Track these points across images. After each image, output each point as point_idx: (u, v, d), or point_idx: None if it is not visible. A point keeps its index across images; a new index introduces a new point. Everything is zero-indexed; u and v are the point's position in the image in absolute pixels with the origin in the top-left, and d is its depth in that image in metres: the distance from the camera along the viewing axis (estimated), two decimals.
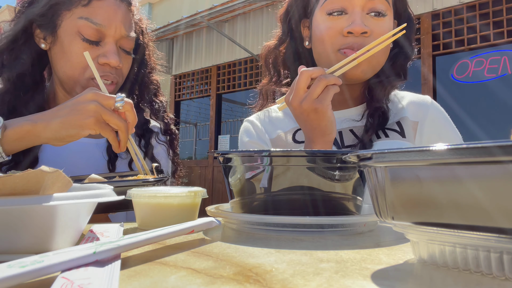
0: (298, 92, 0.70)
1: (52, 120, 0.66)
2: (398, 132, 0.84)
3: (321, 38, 0.84)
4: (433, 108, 0.89)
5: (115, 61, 0.83)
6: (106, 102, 0.66)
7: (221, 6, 5.02)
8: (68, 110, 0.66)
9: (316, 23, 0.86)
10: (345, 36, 0.80)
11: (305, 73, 0.69)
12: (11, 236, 0.32)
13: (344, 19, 0.81)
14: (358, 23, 0.79)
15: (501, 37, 3.63)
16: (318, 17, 0.85)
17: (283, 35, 0.95)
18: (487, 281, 0.25)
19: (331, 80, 0.68)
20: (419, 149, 0.25)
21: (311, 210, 0.46)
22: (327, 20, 0.83)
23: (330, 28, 0.82)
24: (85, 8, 0.82)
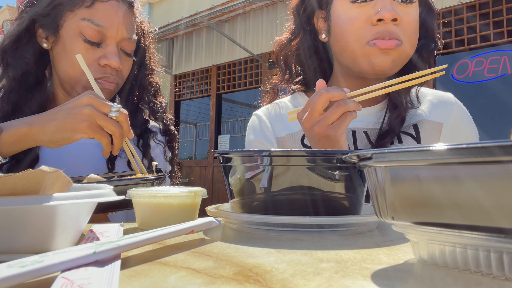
0: (313, 114, 0.64)
1: (48, 123, 0.66)
2: (413, 137, 0.78)
3: (345, 30, 0.77)
4: (457, 108, 0.83)
5: (116, 63, 0.83)
6: (101, 108, 0.67)
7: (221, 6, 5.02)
8: (64, 113, 0.66)
9: (337, 14, 0.79)
10: (374, 25, 0.74)
11: (324, 96, 0.63)
12: (11, 236, 0.32)
13: (370, 6, 0.75)
14: (388, 8, 0.72)
15: (501, 37, 3.63)
16: (339, 6, 0.78)
17: (296, 28, 0.89)
18: (487, 281, 0.25)
19: (351, 107, 0.62)
20: (419, 149, 0.25)
21: (311, 210, 0.46)
22: (351, 9, 0.76)
23: (355, 19, 0.75)
24: (88, 10, 0.82)
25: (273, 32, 5.06)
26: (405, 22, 0.75)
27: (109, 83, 0.85)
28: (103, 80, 0.85)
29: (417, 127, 0.80)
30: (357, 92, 0.66)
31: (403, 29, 0.75)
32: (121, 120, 0.68)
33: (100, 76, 0.84)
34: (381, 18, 0.73)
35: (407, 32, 0.75)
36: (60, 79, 0.88)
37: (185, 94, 6.73)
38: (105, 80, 0.85)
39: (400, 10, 0.75)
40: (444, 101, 0.85)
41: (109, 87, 0.86)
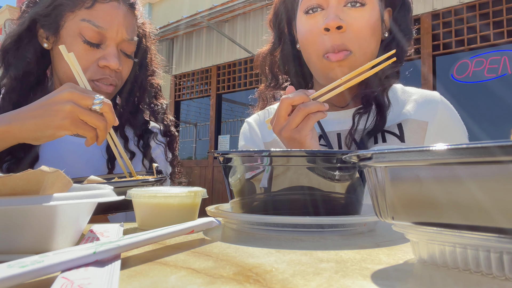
0: (279, 120, 0.68)
1: (27, 121, 0.64)
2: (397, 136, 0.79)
3: (305, 42, 0.82)
4: (443, 106, 0.83)
5: (114, 64, 0.83)
6: (83, 102, 0.64)
7: (221, 6, 5.02)
8: (44, 110, 0.64)
9: (298, 26, 0.83)
10: (325, 35, 0.77)
11: (285, 101, 0.66)
12: (11, 236, 0.32)
13: (322, 16, 0.78)
14: (331, 17, 0.75)
15: (501, 37, 3.63)
16: (299, 19, 0.83)
17: (275, 40, 0.93)
18: (487, 281, 0.25)
19: (312, 108, 0.64)
20: (419, 149, 0.25)
21: (311, 210, 0.46)
22: (306, 21, 0.80)
23: (309, 31, 0.79)
24: (88, 11, 0.82)
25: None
26: (354, 28, 0.76)
27: (107, 86, 0.85)
28: (100, 83, 0.84)
29: (401, 126, 0.80)
30: (319, 92, 0.68)
31: (352, 36, 0.76)
32: (105, 111, 0.66)
33: (99, 78, 0.84)
34: (327, 27, 0.75)
35: (356, 39, 0.76)
36: (59, 79, 0.88)
37: (185, 94, 6.73)
38: (103, 83, 0.85)
39: (349, 16, 0.76)
40: (430, 100, 0.84)
41: (106, 90, 0.86)
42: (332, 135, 0.83)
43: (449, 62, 4.02)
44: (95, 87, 0.84)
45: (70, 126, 0.64)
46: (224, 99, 6.35)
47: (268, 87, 0.96)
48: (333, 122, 0.85)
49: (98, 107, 0.65)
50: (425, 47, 4.05)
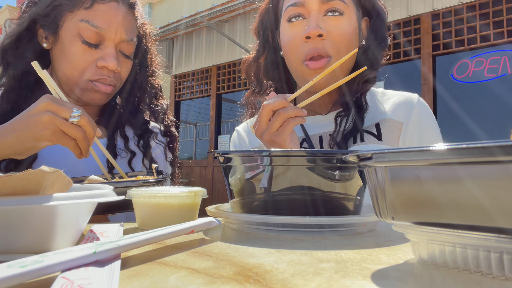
0: (260, 125, 0.71)
1: (9, 135, 0.64)
2: (375, 136, 0.83)
3: (287, 49, 0.85)
4: (419, 107, 0.87)
5: (113, 65, 0.83)
6: (60, 113, 0.64)
7: (221, 6, 5.03)
8: (23, 123, 0.64)
9: (282, 34, 0.88)
10: (306, 42, 0.81)
11: (266, 107, 0.69)
12: (11, 236, 0.32)
13: (303, 25, 0.82)
14: (312, 26, 0.79)
15: (501, 37, 3.63)
16: (282, 27, 0.87)
17: (260, 47, 0.97)
18: (487, 281, 0.25)
19: (291, 113, 0.68)
20: (419, 149, 0.25)
21: (311, 210, 0.46)
22: (289, 29, 0.84)
23: (291, 38, 0.84)
24: (87, 11, 0.82)
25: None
26: (334, 36, 0.81)
27: (106, 86, 0.85)
28: (99, 83, 0.84)
29: (379, 125, 0.84)
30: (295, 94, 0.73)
31: (332, 43, 0.81)
32: (82, 125, 0.65)
33: (97, 78, 0.84)
34: (308, 36, 0.80)
35: (336, 46, 0.81)
36: (58, 79, 0.88)
37: (185, 94, 6.73)
38: (101, 83, 0.85)
39: (329, 24, 0.81)
40: (407, 101, 0.88)
41: (105, 90, 0.86)
42: (314, 138, 0.88)
43: (449, 62, 4.02)
44: (94, 86, 0.84)
45: (51, 137, 0.64)
46: (224, 99, 6.35)
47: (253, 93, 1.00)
48: (314, 126, 0.90)
49: (76, 120, 0.64)
50: (425, 47, 4.05)
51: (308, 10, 0.82)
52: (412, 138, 0.83)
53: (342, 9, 0.82)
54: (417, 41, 4.13)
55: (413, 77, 4.09)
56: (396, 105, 0.88)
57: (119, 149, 0.93)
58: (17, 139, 0.64)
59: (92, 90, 0.85)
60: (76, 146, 0.67)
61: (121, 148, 0.93)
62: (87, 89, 0.85)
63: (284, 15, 0.86)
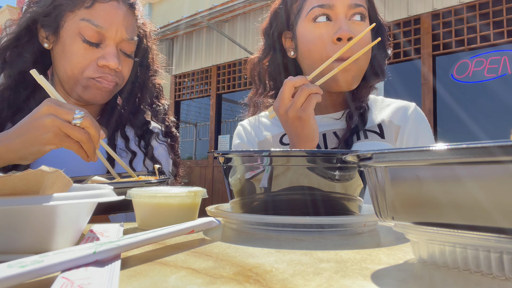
0: (284, 102, 0.73)
1: (13, 141, 0.63)
2: (378, 134, 0.88)
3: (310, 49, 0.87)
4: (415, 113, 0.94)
5: (114, 64, 0.83)
6: (63, 116, 0.63)
7: (221, 6, 5.02)
8: (26, 127, 0.63)
9: (302, 34, 0.89)
10: (335, 44, 0.84)
11: (289, 83, 0.72)
12: (11, 236, 0.32)
13: (330, 26, 0.85)
14: (344, 29, 0.83)
15: (501, 37, 3.63)
16: (303, 27, 0.88)
17: (266, 48, 0.99)
18: (487, 281, 0.25)
19: (313, 89, 0.71)
20: (419, 149, 0.25)
21: (311, 210, 0.46)
22: (314, 29, 0.86)
23: (317, 38, 0.86)
24: (88, 10, 0.82)
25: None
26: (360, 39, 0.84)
27: (108, 82, 0.86)
28: (102, 79, 0.85)
29: (381, 126, 0.91)
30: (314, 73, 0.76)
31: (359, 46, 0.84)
32: (86, 126, 0.64)
33: (99, 76, 0.84)
34: (340, 37, 0.83)
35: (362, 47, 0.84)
36: (60, 78, 0.88)
37: (185, 94, 6.73)
38: (104, 79, 0.85)
39: (354, 28, 0.85)
40: (405, 108, 0.94)
41: (107, 86, 0.86)
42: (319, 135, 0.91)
43: (449, 62, 4.02)
44: (96, 83, 0.84)
45: (54, 140, 0.63)
46: (224, 99, 6.35)
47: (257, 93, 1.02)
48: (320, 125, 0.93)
49: (79, 122, 0.63)
50: (425, 47, 4.05)
51: (336, 13, 0.85)
52: (408, 142, 0.89)
53: (365, 14, 0.87)
54: (417, 41, 4.13)
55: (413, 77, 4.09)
56: (395, 110, 0.94)
57: (119, 149, 0.93)
58: (21, 144, 0.63)
59: (94, 87, 0.85)
60: (80, 149, 0.66)
61: (121, 148, 0.93)
62: (89, 87, 0.85)
63: (308, 15, 0.87)
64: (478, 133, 3.52)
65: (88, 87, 0.85)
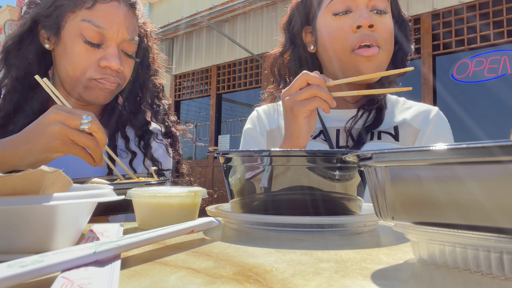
0: (290, 89, 0.72)
1: (20, 147, 0.63)
2: (392, 136, 0.87)
3: (331, 40, 0.87)
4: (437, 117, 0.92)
5: (115, 64, 0.83)
6: (71, 122, 0.63)
7: (221, 6, 5.02)
8: (33, 134, 0.63)
9: (322, 26, 0.89)
10: (354, 32, 0.83)
11: (303, 77, 0.70)
12: (11, 236, 0.32)
13: (350, 17, 0.85)
14: (365, 16, 0.82)
15: (501, 37, 3.63)
16: (323, 20, 0.88)
17: (287, 43, 0.99)
18: (487, 281, 0.25)
19: (322, 95, 0.68)
20: (419, 149, 0.25)
21: (311, 210, 0.46)
22: (334, 21, 0.86)
23: (338, 29, 0.85)
24: (89, 11, 0.82)
25: (273, 32, 5.06)
26: (380, 29, 0.85)
27: (110, 83, 0.86)
28: (104, 80, 0.85)
29: (397, 128, 0.89)
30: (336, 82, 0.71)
31: (379, 35, 0.84)
32: (94, 131, 0.65)
33: (101, 77, 0.84)
34: (360, 25, 0.83)
35: (383, 38, 0.85)
36: (61, 79, 0.88)
37: (185, 94, 6.73)
38: (106, 81, 0.85)
39: (375, 19, 0.85)
40: (427, 111, 0.93)
41: (110, 87, 0.86)
42: (332, 130, 0.90)
43: (449, 62, 4.02)
44: (99, 84, 0.84)
45: (62, 148, 0.63)
46: (224, 99, 6.35)
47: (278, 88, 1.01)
48: (333, 119, 0.92)
49: (87, 127, 0.63)
50: (425, 47, 4.05)
51: (356, 3, 0.85)
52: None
53: (386, 8, 0.86)
54: (417, 41, 4.13)
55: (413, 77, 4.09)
56: (416, 113, 0.93)
57: (119, 149, 0.93)
58: (28, 151, 0.63)
59: (96, 88, 0.85)
60: (87, 155, 0.66)
61: (121, 148, 0.93)
62: (91, 87, 0.85)
63: (327, 8, 0.87)
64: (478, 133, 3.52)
65: (90, 88, 0.85)
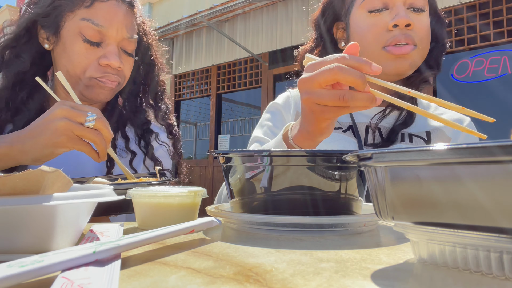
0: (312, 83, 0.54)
1: (27, 142, 0.64)
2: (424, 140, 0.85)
3: (363, 36, 0.84)
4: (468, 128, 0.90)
5: (115, 63, 0.83)
6: (76, 118, 0.64)
7: (221, 6, 5.02)
8: (40, 129, 0.64)
9: (356, 22, 0.86)
10: (390, 31, 0.81)
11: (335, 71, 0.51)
12: (11, 236, 0.32)
13: (386, 14, 0.82)
14: (402, 15, 0.80)
15: (501, 37, 3.63)
16: (358, 16, 0.86)
17: (318, 38, 0.97)
18: (487, 281, 0.25)
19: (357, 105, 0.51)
20: (419, 149, 0.25)
21: (311, 210, 0.46)
22: (369, 18, 0.84)
23: (373, 26, 0.83)
24: (87, 10, 0.82)
25: (273, 32, 5.06)
26: (417, 27, 0.82)
27: (111, 81, 0.86)
28: (104, 79, 0.85)
29: (429, 133, 0.87)
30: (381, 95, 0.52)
31: (416, 33, 0.82)
32: (99, 128, 0.66)
33: (101, 75, 0.84)
34: (396, 24, 0.80)
35: (419, 36, 0.82)
36: None
37: (185, 94, 6.73)
38: (107, 79, 0.85)
39: (412, 17, 0.82)
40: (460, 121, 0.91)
41: (110, 85, 0.86)
42: (361, 126, 0.88)
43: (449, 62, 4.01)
44: (99, 82, 0.84)
45: (68, 143, 0.64)
46: (224, 99, 6.35)
47: None
48: (362, 115, 0.90)
49: (92, 124, 0.64)
50: None
51: (393, 1, 0.82)
52: None
53: (423, 5, 0.84)
54: None
55: None
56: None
57: (119, 149, 0.93)
58: (34, 146, 0.64)
59: (97, 86, 0.85)
60: (92, 150, 0.67)
61: (121, 148, 0.93)
62: (92, 86, 0.85)
63: (362, 4, 0.85)
64: None
65: (91, 87, 0.85)
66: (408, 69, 0.82)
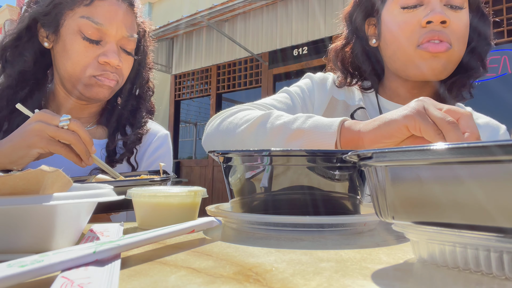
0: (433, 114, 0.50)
1: (5, 145, 0.68)
2: None
3: (396, 34, 0.80)
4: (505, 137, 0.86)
5: (114, 61, 0.84)
6: (51, 121, 0.68)
7: (221, 5, 5.02)
8: (17, 134, 0.68)
9: (388, 19, 0.83)
10: (423, 28, 0.76)
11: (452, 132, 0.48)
12: (11, 236, 0.32)
13: (420, 11, 0.78)
14: (438, 11, 0.75)
15: (501, 37, 3.63)
16: (390, 12, 0.82)
17: (349, 34, 0.94)
18: (487, 281, 0.25)
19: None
20: (419, 149, 0.25)
21: (311, 210, 0.46)
22: (401, 14, 0.79)
23: (405, 23, 0.78)
24: (87, 8, 0.82)
25: (273, 31, 5.06)
26: (454, 25, 0.77)
27: (109, 80, 0.86)
28: (103, 77, 0.85)
29: None
30: None
31: (452, 32, 0.76)
32: (74, 129, 0.68)
33: (100, 73, 0.84)
34: (430, 20, 0.75)
35: (455, 35, 0.77)
36: (60, 77, 0.88)
37: (185, 94, 6.73)
38: (105, 77, 0.85)
39: (449, 14, 0.77)
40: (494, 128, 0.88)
41: (109, 84, 0.86)
42: None
43: None
44: (98, 81, 0.85)
45: (40, 143, 0.67)
46: (224, 99, 6.35)
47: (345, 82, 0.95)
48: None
49: (66, 123, 0.67)
50: None
51: None
52: None
53: (462, 3, 0.78)
54: None
55: None
56: (483, 126, 0.87)
57: (119, 148, 0.93)
58: (11, 148, 0.68)
59: (96, 85, 0.85)
60: (70, 153, 0.69)
61: (121, 147, 0.94)
62: (91, 85, 0.85)
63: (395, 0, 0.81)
64: None
65: (90, 85, 0.85)
66: (441, 70, 0.76)
